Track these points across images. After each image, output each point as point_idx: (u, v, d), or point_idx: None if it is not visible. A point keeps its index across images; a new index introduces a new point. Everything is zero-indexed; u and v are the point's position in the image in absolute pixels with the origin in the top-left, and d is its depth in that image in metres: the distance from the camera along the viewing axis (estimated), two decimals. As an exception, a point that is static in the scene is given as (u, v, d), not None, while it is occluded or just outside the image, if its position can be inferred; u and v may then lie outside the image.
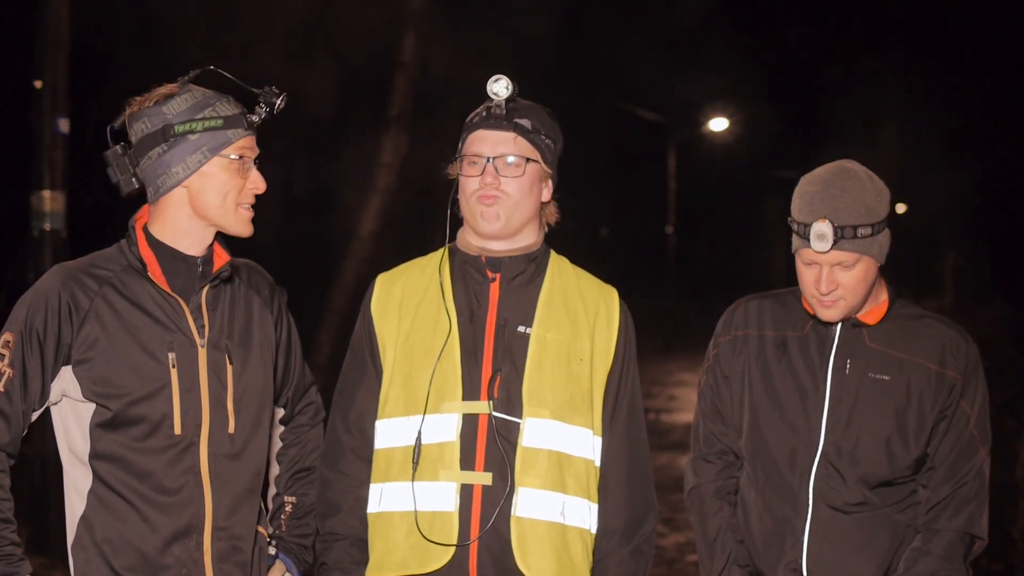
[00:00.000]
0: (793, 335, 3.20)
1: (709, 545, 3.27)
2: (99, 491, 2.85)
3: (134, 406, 2.82)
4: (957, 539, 3.07)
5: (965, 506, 3.08)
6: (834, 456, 3.10)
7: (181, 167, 2.86)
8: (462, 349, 3.00)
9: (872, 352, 3.13)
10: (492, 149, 3.01)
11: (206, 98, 2.88)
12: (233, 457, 2.92)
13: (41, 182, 7.86)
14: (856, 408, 3.11)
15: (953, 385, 3.10)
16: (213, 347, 2.92)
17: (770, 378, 3.20)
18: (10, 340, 2.81)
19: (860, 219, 3.00)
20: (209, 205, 2.89)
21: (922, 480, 3.14)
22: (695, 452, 3.37)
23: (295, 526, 3.17)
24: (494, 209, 3.00)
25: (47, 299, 2.82)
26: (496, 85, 3.01)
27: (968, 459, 3.10)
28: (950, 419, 3.10)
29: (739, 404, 3.26)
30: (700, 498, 3.32)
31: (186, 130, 2.85)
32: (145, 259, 2.89)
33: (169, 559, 2.85)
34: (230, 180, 2.88)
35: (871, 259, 3.05)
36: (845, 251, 3.00)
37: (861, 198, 3.02)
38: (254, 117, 2.92)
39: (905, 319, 3.18)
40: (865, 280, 3.06)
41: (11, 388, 2.79)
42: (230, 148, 2.88)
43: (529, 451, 2.96)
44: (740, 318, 3.29)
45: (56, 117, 7.85)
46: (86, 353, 2.82)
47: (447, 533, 2.93)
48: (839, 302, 3.07)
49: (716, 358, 3.31)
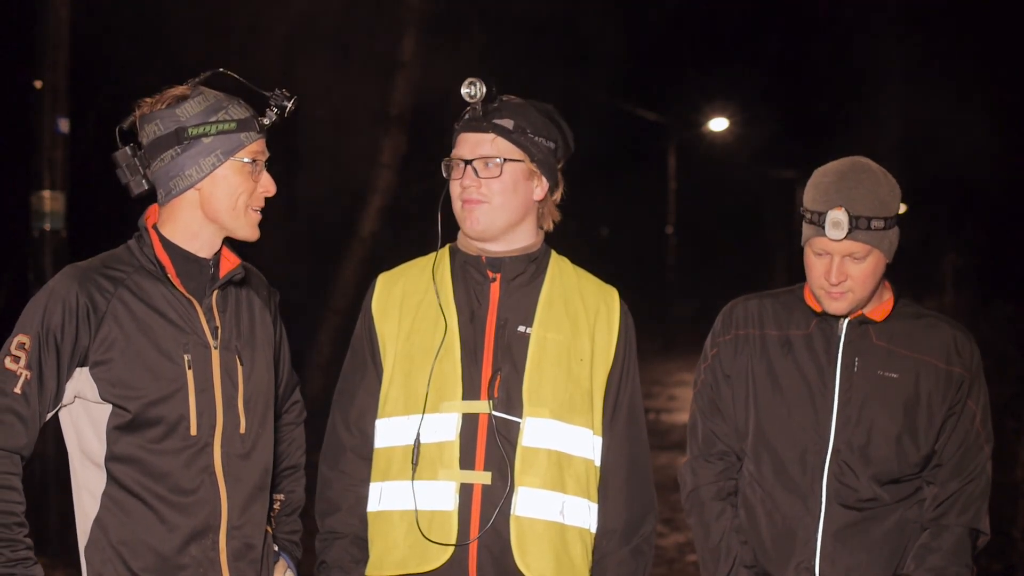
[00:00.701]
0: (797, 334, 3.21)
1: (714, 549, 3.26)
2: (114, 493, 2.84)
3: (152, 407, 2.82)
4: (965, 535, 3.10)
5: (972, 503, 3.10)
6: (846, 453, 3.11)
7: (194, 170, 2.86)
8: (462, 349, 3.00)
9: (879, 350, 3.15)
10: (471, 151, 3.03)
11: (219, 101, 2.88)
12: (244, 457, 2.92)
13: (41, 182, 7.86)
14: (866, 405, 3.12)
15: (961, 382, 3.12)
16: (225, 348, 2.92)
17: (775, 377, 3.20)
18: (25, 342, 2.78)
19: (874, 211, 3.03)
20: (220, 208, 2.89)
21: (928, 477, 3.15)
22: (693, 452, 3.36)
23: (284, 523, 3.19)
24: (475, 214, 3.02)
25: (64, 300, 2.81)
26: (469, 88, 3.01)
27: (974, 456, 3.12)
28: (958, 416, 3.12)
29: (742, 404, 3.25)
30: (700, 501, 3.31)
31: (200, 133, 2.84)
32: (162, 261, 2.89)
33: (186, 559, 2.85)
34: (242, 183, 2.88)
35: (881, 253, 3.07)
36: (859, 242, 3.03)
37: (876, 191, 3.05)
38: (265, 120, 2.92)
39: (909, 318, 3.19)
40: (874, 274, 3.08)
41: (28, 390, 2.77)
42: (243, 151, 2.87)
43: (529, 451, 2.96)
44: (740, 317, 3.29)
45: (56, 117, 7.86)
46: (104, 354, 2.81)
47: (446, 532, 2.93)
48: (847, 295, 3.08)
49: (716, 357, 3.31)
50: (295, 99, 2.94)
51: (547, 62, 16.23)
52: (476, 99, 3.00)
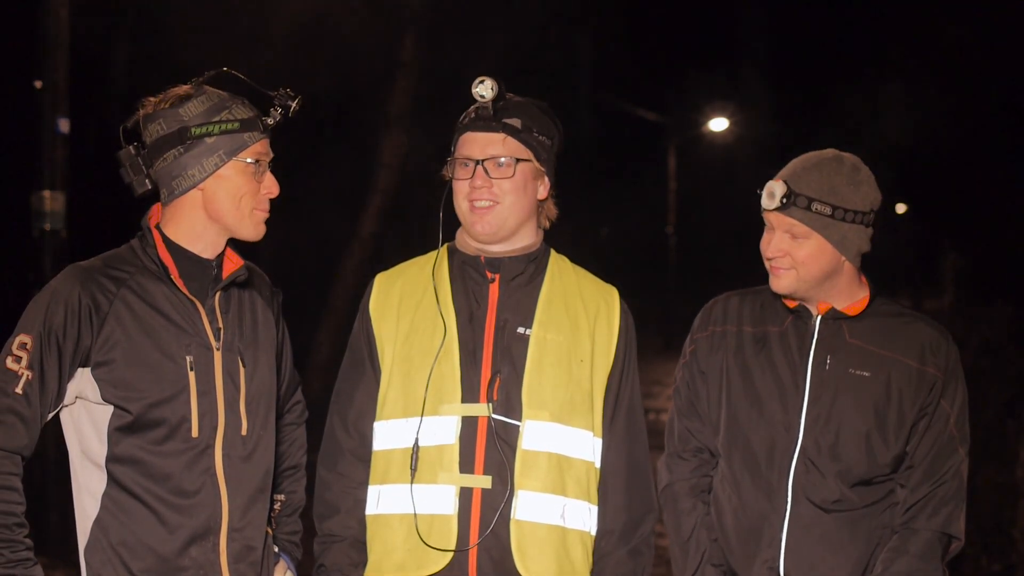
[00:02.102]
0: (773, 330, 3.19)
1: (683, 544, 3.24)
2: (114, 494, 2.84)
3: (154, 409, 2.81)
4: (935, 539, 3.05)
5: (943, 506, 3.06)
6: (813, 452, 3.08)
7: (197, 169, 2.84)
8: (461, 350, 2.99)
9: (852, 348, 3.12)
10: (481, 151, 3.00)
11: (222, 100, 2.86)
12: (246, 459, 2.92)
13: (41, 182, 7.86)
14: (836, 404, 3.09)
15: (933, 383, 3.09)
16: (227, 350, 2.92)
17: (749, 373, 3.18)
18: (27, 342, 2.77)
19: (819, 194, 3.03)
20: (223, 208, 2.87)
21: (900, 479, 3.11)
22: (669, 449, 3.35)
23: (285, 523, 3.19)
24: (486, 217, 3.00)
25: (66, 300, 2.80)
26: (481, 87, 2.99)
27: (947, 459, 3.08)
28: (930, 417, 3.08)
29: (716, 400, 3.23)
30: (674, 496, 3.29)
31: (203, 133, 2.83)
32: (165, 262, 2.88)
33: (186, 561, 2.84)
34: (245, 184, 2.87)
35: (827, 242, 3.04)
36: (794, 219, 3.03)
37: (830, 178, 3.04)
38: (269, 120, 2.91)
39: (886, 316, 3.16)
40: (818, 260, 3.06)
41: (30, 391, 2.76)
42: (246, 152, 2.86)
43: (529, 454, 2.95)
44: (719, 314, 3.28)
45: (56, 117, 7.85)
46: (107, 355, 2.80)
47: (446, 536, 2.92)
48: (789, 272, 3.08)
49: (693, 354, 3.29)
50: (299, 98, 2.92)
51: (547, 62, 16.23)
52: (488, 99, 2.99)
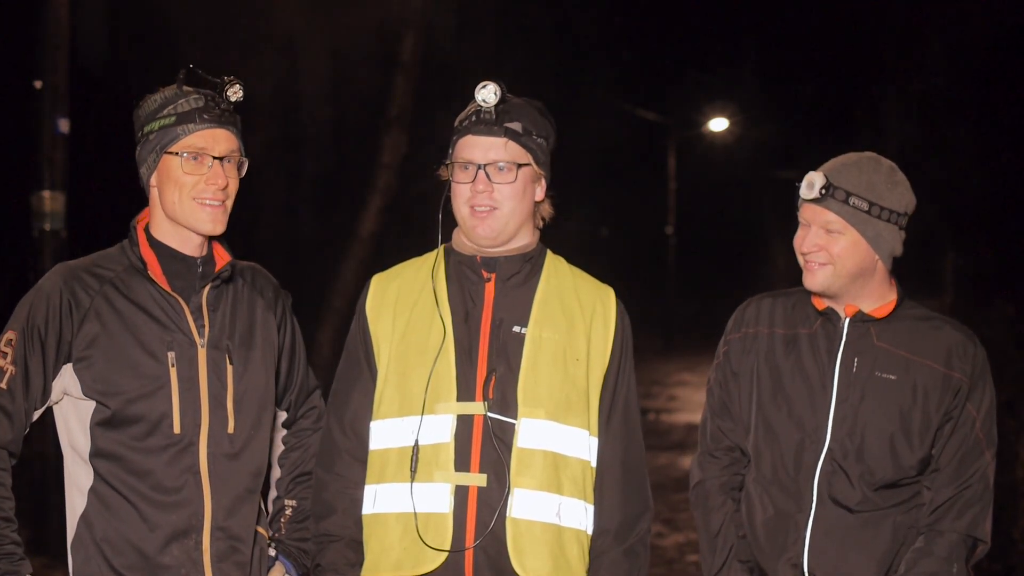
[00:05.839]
0: (803, 332, 3.21)
1: (711, 539, 3.27)
2: (100, 489, 2.85)
3: (132, 404, 2.83)
4: (960, 541, 3.07)
5: (968, 509, 3.08)
6: (839, 453, 3.11)
7: (145, 167, 2.93)
8: (457, 349, 2.99)
9: (879, 351, 3.14)
10: (483, 155, 2.99)
11: (174, 96, 2.91)
12: (232, 457, 2.92)
13: (41, 182, 7.87)
14: (862, 406, 3.11)
15: (959, 387, 3.10)
16: (213, 347, 2.92)
17: (778, 375, 3.20)
18: (12, 338, 2.83)
19: (857, 189, 3.04)
20: (167, 202, 2.92)
21: (926, 482, 3.14)
22: (702, 447, 3.38)
23: (294, 530, 3.17)
24: (488, 222, 3.00)
25: (48, 297, 2.84)
26: (484, 92, 2.98)
27: (973, 462, 3.10)
28: (956, 421, 3.10)
29: (747, 401, 3.26)
30: (705, 493, 3.32)
31: (149, 130, 2.90)
32: (146, 259, 2.91)
33: (168, 559, 2.85)
34: (181, 176, 2.89)
35: (863, 238, 3.06)
36: (832, 212, 3.04)
37: (869, 175, 3.06)
38: (215, 110, 2.90)
39: (913, 320, 3.18)
40: (852, 255, 3.07)
41: (13, 386, 2.80)
42: (178, 144, 2.88)
43: (524, 452, 2.95)
44: (751, 316, 3.31)
45: (56, 117, 7.86)
46: (86, 351, 2.83)
47: (442, 535, 2.92)
48: (825, 267, 3.08)
49: (726, 355, 3.32)
50: (235, 83, 2.93)
51: (547, 62, 16.23)
52: (491, 103, 2.99)
